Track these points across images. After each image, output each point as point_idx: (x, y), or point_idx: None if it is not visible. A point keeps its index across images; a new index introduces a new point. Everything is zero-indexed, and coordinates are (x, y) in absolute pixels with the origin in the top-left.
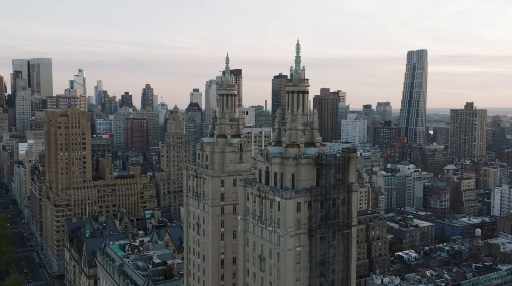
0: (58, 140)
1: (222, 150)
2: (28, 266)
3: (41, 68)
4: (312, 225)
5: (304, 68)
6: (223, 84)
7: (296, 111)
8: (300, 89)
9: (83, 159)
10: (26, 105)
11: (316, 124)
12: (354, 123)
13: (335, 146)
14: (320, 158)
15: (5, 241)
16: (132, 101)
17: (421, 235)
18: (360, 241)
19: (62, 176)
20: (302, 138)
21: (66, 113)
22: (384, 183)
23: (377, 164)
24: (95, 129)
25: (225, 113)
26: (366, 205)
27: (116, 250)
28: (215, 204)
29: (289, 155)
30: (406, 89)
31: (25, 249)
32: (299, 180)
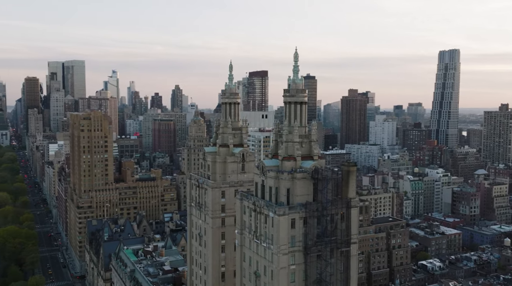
0: (81, 143)
1: (223, 160)
2: (52, 266)
3: (74, 70)
4: (308, 242)
5: (302, 78)
6: (226, 92)
7: (293, 123)
8: (298, 100)
9: (105, 162)
10: (60, 107)
11: (315, 136)
12: (382, 125)
13: (363, 148)
14: (317, 172)
15: (31, 241)
16: (162, 102)
17: (447, 243)
18: (380, 249)
19: (85, 178)
20: (298, 151)
21: (89, 116)
22: (411, 187)
23: (405, 167)
24: (125, 130)
25: (227, 122)
26: (390, 210)
27: (129, 255)
28: (215, 216)
29: (285, 168)
30: (437, 90)
31: (51, 248)
32: (295, 194)
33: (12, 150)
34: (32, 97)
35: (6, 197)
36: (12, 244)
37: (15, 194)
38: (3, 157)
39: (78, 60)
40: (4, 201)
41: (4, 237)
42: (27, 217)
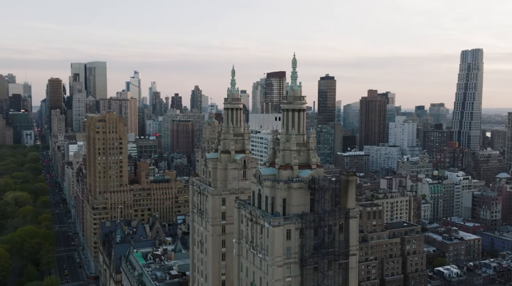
0: (96, 145)
1: (224, 167)
2: (68, 266)
3: (96, 71)
4: (304, 254)
5: (300, 84)
6: (228, 98)
7: (291, 131)
8: (296, 107)
9: (119, 163)
10: (81, 107)
11: (313, 145)
12: (402, 126)
13: (382, 149)
14: (314, 181)
15: (48, 241)
16: (182, 103)
17: (466, 248)
18: (394, 255)
19: (100, 179)
20: (296, 160)
21: (104, 118)
22: (430, 190)
23: (425, 170)
24: (144, 131)
25: (229, 128)
26: (407, 214)
27: (138, 259)
28: (216, 223)
29: (282, 177)
30: (459, 91)
31: (68, 248)
32: (291, 205)
33: (36, 150)
34: (55, 98)
35: (26, 196)
36: (29, 244)
37: (36, 193)
38: (26, 157)
39: (100, 62)
40: (25, 201)
41: (22, 237)
42: (45, 217)
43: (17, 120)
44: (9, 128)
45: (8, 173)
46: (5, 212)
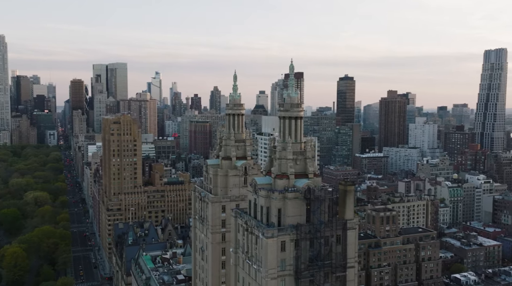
0: (111, 147)
1: (225, 173)
2: (84, 266)
3: (117, 72)
4: (300, 266)
5: (297, 91)
6: (230, 103)
7: (288, 139)
8: (292, 114)
9: (134, 165)
10: (102, 108)
11: (311, 153)
12: (422, 128)
13: (401, 151)
14: (309, 191)
15: (65, 241)
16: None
17: (485, 255)
18: (409, 261)
19: (114, 181)
20: (292, 169)
21: (118, 120)
22: (449, 194)
23: (445, 172)
24: (164, 131)
25: (230, 134)
26: (425, 219)
27: (147, 262)
28: (215, 231)
29: (277, 187)
30: (482, 91)
31: (85, 248)
32: (286, 215)
33: (58, 150)
34: (77, 98)
35: (45, 196)
36: (46, 244)
37: (55, 193)
38: (49, 157)
39: (121, 63)
40: (44, 201)
41: (39, 237)
42: (63, 217)
43: (41, 121)
44: (33, 129)
45: (30, 172)
46: (25, 212)
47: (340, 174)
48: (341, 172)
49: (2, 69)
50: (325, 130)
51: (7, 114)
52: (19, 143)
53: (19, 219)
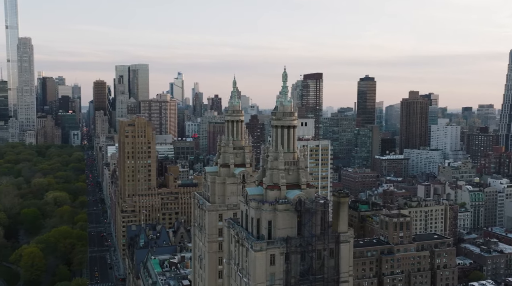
0: (126, 149)
1: (223, 181)
2: (99, 267)
3: (139, 73)
4: (290, 280)
5: (291, 99)
6: (228, 109)
7: (280, 148)
8: (285, 123)
9: (148, 167)
10: (124, 109)
11: (303, 163)
12: (445, 129)
13: (423, 153)
14: (300, 203)
15: (81, 242)
16: (221, 104)
17: (506, 262)
18: (423, 269)
19: (129, 182)
20: (283, 180)
21: (133, 123)
22: (470, 198)
23: (467, 176)
24: (184, 132)
25: (229, 141)
26: (443, 224)
27: (154, 266)
28: (212, 240)
29: (269, 198)
30: (508, 92)
31: (101, 248)
32: (276, 227)
33: (81, 150)
34: (99, 99)
35: (65, 196)
36: (63, 244)
37: (75, 193)
38: (71, 157)
39: (143, 64)
40: (63, 201)
41: (56, 237)
42: (81, 218)
43: (65, 121)
44: (57, 129)
45: (52, 172)
46: (44, 212)
47: (358, 176)
48: (359, 174)
49: (29, 71)
50: (345, 132)
51: (33, 115)
52: (44, 142)
53: (38, 218)
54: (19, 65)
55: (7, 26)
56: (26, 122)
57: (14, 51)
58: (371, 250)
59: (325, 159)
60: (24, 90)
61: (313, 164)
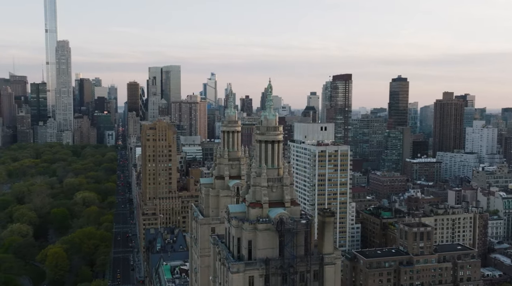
0: (147, 152)
1: (216, 194)
2: (122, 268)
3: (171, 74)
4: None
5: (275, 113)
6: (225, 120)
7: (263, 164)
8: (269, 138)
9: (168, 170)
10: (155, 110)
11: (288, 180)
12: (481, 132)
13: (457, 156)
14: (282, 223)
15: (105, 243)
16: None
17: None
18: (445, 281)
19: (149, 186)
20: (266, 197)
21: (154, 126)
22: (504, 205)
23: (503, 181)
24: (214, 133)
25: (224, 152)
26: (471, 234)
27: (165, 272)
28: (204, 254)
29: (250, 216)
30: None
31: (126, 249)
32: (257, 248)
33: (114, 150)
34: (132, 100)
35: (93, 197)
36: (87, 245)
37: (104, 193)
38: (104, 157)
39: (175, 65)
40: (91, 201)
41: (81, 238)
42: (106, 218)
43: (101, 122)
44: (93, 129)
45: (84, 172)
46: (73, 212)
47: (387, 180)
48: (388, 178)
49: (66, 72)
50: (375, 134)
51: (70, 115)
52: (80, 142)
53: (67, 218)
54: (57, 68)
55: (46, 30)
56: (63, 122)
57: (53, 54)
58: (389, 261)
59: (344, 165)
60: (62, 92)
61: (332, 170)
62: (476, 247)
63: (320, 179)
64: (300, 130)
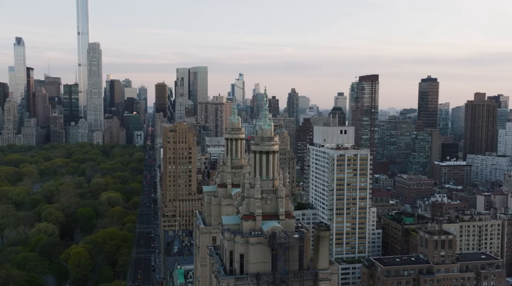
0: (167, 154)
1: (218, 202)
2: (144, 269)
3: (198, 75)
4: None
5: (270, 123)
6: (228, 127)
7: (258, 176)
8: (263, 149)
9: (188, 173)
10: (182, 111)
11: (283, 192)
12: None
13: (488, 159)
14: (274, 236)
15: (126, 243)
16: (279, 105)
17: None
18: None
19: (170, 188)
20: (259, 210)
21: (174, 128)
22: None
23: None
24: None
25: (227, 160)
26: (499, 241)
27: (178, 276)
28: (204, 263)
29: (244, 229)
30: None
31: (148, 250)
32: (249, 262)
33: (142, 150)
34: (160, 101)
35: (118, 197)
36: (109, 245)
37: (130, 194)
38: (132, 157)
39: (202, 66)
40: (116, 201)
41: (103, 238)
42: (129, 219)
43: (130, 122)
44: (122, 129)
45: (112, 172)
46: (98, 211)
47: (413, 183)
48: (414, 181)
49: (97, 74)
50: (403, 135)
51: (100, 116)
52: (109, 142)
53: (92, 218)
54: (88, 69)
55: (78, 33)
56: (94, 123)
57: (85, 56)
58: (408, 269)
59: (364, 169)
60: (93, 93)
61: (351, 174)
62: (504, 256)
63: (338, 184)
64: (320, 134)
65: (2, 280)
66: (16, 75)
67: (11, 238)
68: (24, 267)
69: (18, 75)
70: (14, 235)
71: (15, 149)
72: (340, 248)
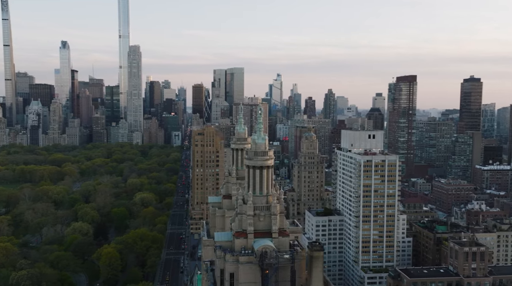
0: (195, 157)
1: (222, 214)
2: (172, 270)
3: (234, 76)
4: None
5: (265, 137)
6: (234, 137)
7: (250, 192)
8: (257, 164)
9: (216, 176)
10: (218, 112)
11: (277, 209)
12: None
13: None
14: (265, 256)
15: (156, 244)
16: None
17: None
18: None
19: (197, 190)
20: (251, 227)
21: (202, 132)
22: None
23: None
24: (275, 135)
25: (232, 171)
26: None
27: (198, 282)
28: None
29: (235, 246)
30: None
31: (178, 251)
32: (239, 281)
33: (179, 150)
34: (197, 102)
35: (151, 198)
36: (139, 246)
37: (163, 194)
38: (169, 157)
39: (238, 67)
40: (149, 202)
41: (134, 239)
42: (161, 220)
43: (168, 123)
44: (160, 130)
45: (148, 172)
46: (132, 212)
47: (452, 188)
48: (453, 186)
49: (137, 76)
50: (443, 138)
51: (140, 117)
52: (148, 142)
53: (126, 218)
54: (129, 71)
55: (120, 36)
56: (134, 123)
57: (125, 58)
58: (436, 281)
59: (392, 175)
60: (133, 94)
61: (379, 180)
62: None
63: (365, 190)
64: (347, 138)
65: (35, 278)
66: (62, 77)
67: (48, 237)
68: (57, 265)
69: (63, 77)
70: (51, 233)
71: (59, 149)
72: (367, 257)
